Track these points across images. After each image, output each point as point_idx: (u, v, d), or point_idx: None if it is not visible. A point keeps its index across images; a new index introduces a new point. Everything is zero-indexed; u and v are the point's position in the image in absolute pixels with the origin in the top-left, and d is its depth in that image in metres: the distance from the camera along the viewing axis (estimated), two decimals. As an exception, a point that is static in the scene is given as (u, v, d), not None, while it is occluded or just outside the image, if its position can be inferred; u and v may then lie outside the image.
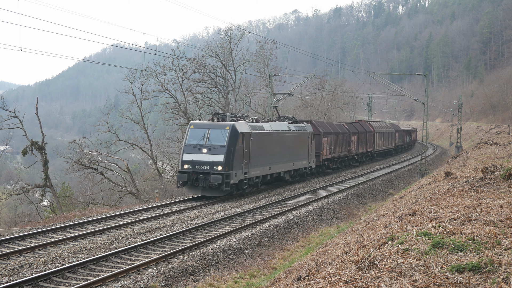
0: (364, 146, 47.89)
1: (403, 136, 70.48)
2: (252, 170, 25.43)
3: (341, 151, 41.20)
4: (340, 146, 40.73)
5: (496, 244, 6.93)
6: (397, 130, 65.23)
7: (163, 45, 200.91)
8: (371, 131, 50.34)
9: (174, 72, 47.08)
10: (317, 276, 7.15)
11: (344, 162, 43.47)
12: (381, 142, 55.10)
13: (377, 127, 52.96)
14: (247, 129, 24.81)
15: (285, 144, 29.22)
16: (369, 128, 50.30)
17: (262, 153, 26.39)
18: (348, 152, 43.19)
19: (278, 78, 55.52)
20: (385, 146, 57.43)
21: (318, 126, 37.16)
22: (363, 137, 47.28)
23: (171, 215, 21.11)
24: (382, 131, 55.44)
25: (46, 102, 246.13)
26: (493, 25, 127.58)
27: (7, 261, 13.78)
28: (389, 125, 61.99)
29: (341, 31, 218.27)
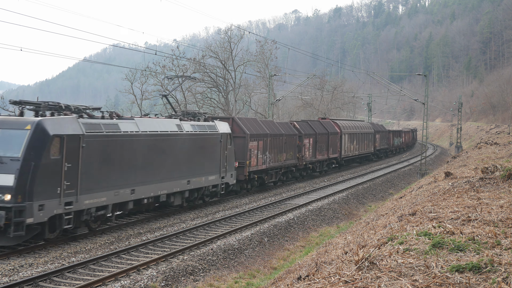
0: (325, 152, 37.91)
1: (388, 138, 60.82)
2: (88, 197, 15.94)
3: (286, 159, 31.13)
4: (284, 152, 30.80)
5: (496, 244, 6.93)
6: (379, 131, 55.59)
7: (163, 45, 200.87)
8: (337, 132, 40.46)
9: (174, 72, 47.08)
10: (317, 276, 7.15)
11: (291, 173, 33.84)
12: (353, 146, 45.07)
13: (346, 127, 43.54)
14: (74, 130, 15.50)
15: (172, 153, 19.88)
16: (334, 128, 40.54)
17: (113, 168, 17.02)
18: (299, 160, 33.24)
19: (278, 78, 55.54)
20: (360, 151, 47.27)
21: (244, 125, 26.83)
22: (323, 140, 37.49)
23: (171, 215, 21.11)
24: (354, 132, 45.40)
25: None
26: (493, 25, 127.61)
27: (7, 261, 13.77)
28: (366, 124, 52.31)
29: (341, 31, 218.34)
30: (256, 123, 28.73)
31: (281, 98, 53.24)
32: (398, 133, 67.55)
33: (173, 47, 48.88)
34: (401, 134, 69.48)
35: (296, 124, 34.75)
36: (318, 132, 36.62)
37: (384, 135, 58.16)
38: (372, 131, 51.38)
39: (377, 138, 54.24)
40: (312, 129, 36.21)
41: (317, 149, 36.19)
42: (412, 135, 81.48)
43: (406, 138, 74.02)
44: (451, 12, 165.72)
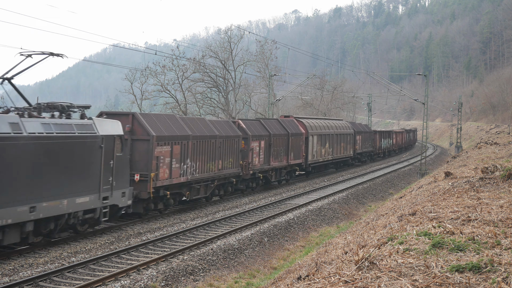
0: (283, 157, 30.72)
1: (374, 139, 53.11)
2: None
3: (222, 167, 23.84)
4: (219, 159, 23.55)
5: (496, 244, 6.93)
6: (361, 132, 48.23)
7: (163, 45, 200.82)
8: (301, 133, 33.40)
9: (174, 72, 47.13)
10: (317, 276, 7.15)
11: (232, 185, 26.08)
12: (325, 150, 37.82)
13: (315, 127, 36.43)
14: None
15: None
16: (298, 128, 33.45)
17: None
18: (243, 168, 25.90)
19: (278, 78, 55.57)
20: (334, 155, 40.03)
21: (150, 124, 19.72)
22: (281, 143, 30.24)
23: (171, 215, 21.10)
24: (326, 133, 37.93)
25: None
26: (493, 25, 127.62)
27: (7, 261, 13.78)
28: (344, 124, 44.26)
29: (341, 31, 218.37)
30: (172, 121, 21.07)
31: (281, 98, 53.27)
32: (386, 134, 59.74)
33: (173, 47, 48.97)
34: (391, 135, 61.39)
35: (242, 123, 26.99)
36: (273, 133, 29.21)
37: (368, 136, 50.94)
38: (352, 131, 44.53)
39: (358, 139, 47.16)
40: (265, 130, 28.88)
41: (271, 154, 28.87)
42: (408, 136, 75.18)
43: (399, 139, 66.31)
44: (451, 12, 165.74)
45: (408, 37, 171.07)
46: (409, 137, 77.33)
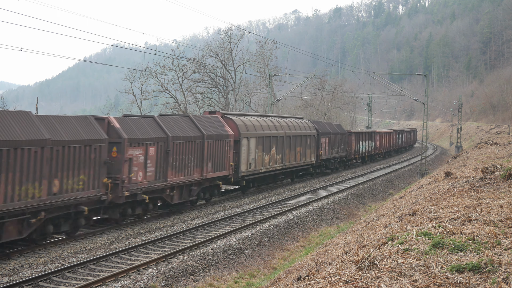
0: (194, 169, 21.55)
1: (348, 142, 43.98)
2: None
3: (67, 188, 15.18)
4: (69, 177, 15.23)
5: (496, 244, 6.93)
6: (328, 133, 38.47)
7: (163, 45, 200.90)
8: (227, 134, 24.08)
9: (174, 72, 47.14)
10: (317, 276, 7.15)
11: (79, 218, 16.46)
12: (269, 157, 28.70)
13: (253, 126, 27.30)
14: None
15: None
16: (220, 129, 23.98)
17: None
18: (110, 190, 16.74)
19: (278, 78, 55.57)
20: (285, 163, 30.61)
21: None
22: (189, 149, 21.25)
23: (171, 215, 21.10)
24: (270, 135, 28.75)
25: (46, 102, 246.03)
26: (493, 25, 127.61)
27: (7, 261, 13.78)
28: (302, 123, 34.52)
29: (341, 31, 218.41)
30: None
31: (281, 98, 53.26)
32: (367, 136, 49.35)
33: (173, 47, 48.96)
34: (373, 137, 51.10)
35: (115, 121, 17.73)
36: (173, 135, 20.00)
37: (339, 138, 41.17)
38: (313, 132, 35.32)
39: (324, 142, 37.44)
40: (160, 131, 19.57)
41: (170, 165, 19.85)
42: (399, 137, 66.12)
43: (384, 142, 56.33)
44: (451, 12, 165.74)
45: (408, 37, 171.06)
46: (402, 138, 68.28)
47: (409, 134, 76.65)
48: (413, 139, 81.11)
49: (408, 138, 74.66)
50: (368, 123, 76.62)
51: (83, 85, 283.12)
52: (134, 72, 46.40)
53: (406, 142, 72.52)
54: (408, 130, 76.42)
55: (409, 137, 76.67)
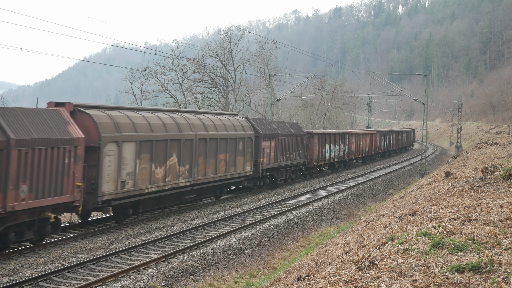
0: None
1: (309, 147, 35.13)
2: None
3: None
4: None
5: (496, 244, 6.93)
6: (275, 135, 29.71)
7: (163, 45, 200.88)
8: (64, 139, 14.90)
9: (174, 72, 47.15)
10: (317, 276, 7.15)
11: None
12: (164, 169, 19.85)
13: (129, 126, 18.34)
14: None
15: None
16: (57, 129, 14.88)
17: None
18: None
19: (278, 78, 55.56)
20: (197, 176, 22.04)
21: None
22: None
23: (171, 215, 21.10)
24: (167, 138, 20.06)
25: (46, 102, 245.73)
26: (493, 25, 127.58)
27: (7, 261, 13.78)
28: (229, 121, 25.44)
29: (341, 31, 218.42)
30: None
31: (281, 98, 53.27)
32: (337, 138, 40.51)
33: (173, 47, 48.98)
34: (346, 139, 42.40)
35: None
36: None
37: (293, 141, 32.17)
38: (250, 134, 26.47)
39: (267, 147, 28.48)
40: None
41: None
42: (388, 139, 58.87)
43: (363, 145, 47.86)
44: (451, 12, 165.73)
45: (408, 37, 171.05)
46: (390, 140, 59.60)
47: (401, 136, 66.09)
48: (407, 140, 72.16)
49: (399, 140, 64.50)
50: (368, 123, 76.64)
51: (83, 85, 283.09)
52: (134, 72, 46.45)
53: (396, 144, 62.97)
54: (399, 131, 66.23)
55: (401, 139, 66.49)
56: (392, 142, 60.90)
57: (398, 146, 65.02)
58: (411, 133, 75.38)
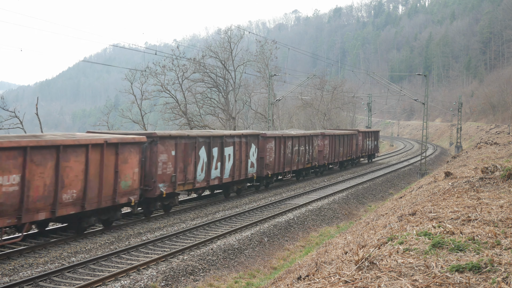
0: None
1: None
2: None
3: None
4: None
5: (496, 244, 6.93)
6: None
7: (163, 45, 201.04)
8: None
9: (174, 72, 47.12)
10: (317, 276, 7.15)
11: None
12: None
13: None
14: None
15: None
16: None
17: None
18: None
19: (278, 78, 55.56)
20: None
21: None
22: None
23: (171, 215, 21.10)
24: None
25: (46, 102, 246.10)
26: (493, 25, 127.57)
27: (7, 261, 13.78)
28: None
29: (341, 31, 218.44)
30: None
31: (281, 98, 53.26)
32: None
33: (173, 47, 48.92)
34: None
35: None
36: None
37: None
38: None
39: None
40: None
41: None
42: (295, 148, 32.31)
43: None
44: (451, 12, 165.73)
45: (408, 37, 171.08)
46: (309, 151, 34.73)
47: (340, 140, 39.98)
48: (363, 149, 47.03)
49: (334, 150, 38.91)
50: (368, 123, 76.66)
51: (83, 85, 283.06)
52: (134, 72, 46.37)
53: (329, 157, 38.19)
54: (332, 134, 38.47)
55: (339, 146, 40.11)
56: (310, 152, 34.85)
57: (342, 157, 41.22)
58: (368, 138, 49.04)
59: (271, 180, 30.25)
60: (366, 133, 48.62)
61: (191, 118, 47.88)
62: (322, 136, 37.03)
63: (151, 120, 60.60)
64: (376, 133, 52.75)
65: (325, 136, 37.27)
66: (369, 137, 49.50)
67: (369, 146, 49.67)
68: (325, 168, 39.59)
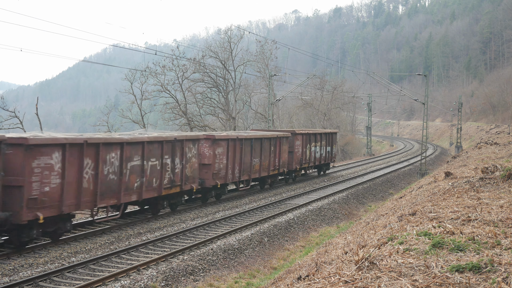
0: None
1: None
2: None
3: None
4: None
5: (496, 244, 6.93)
6: None
7: (163, 45, 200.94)
8: None
9: (174, 72, 47.12)
10: (317, 276, 7.15)
11: None
12: None
13: None
14: None
15: None
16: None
17: None
18: None
19: (278, 78, 55.53)
20: None
21: None
22: None
23: (171, 215, 21.10)
24: None
25: (46, 102, 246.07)
26: (493, 25, 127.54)
27: (7, 261, 13.77)
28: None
29: (341, 31, 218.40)
30: None
31: (281, 98, 53.26)
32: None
33: (173, 47, 48.92)
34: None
35: None
36: None
37: None
38: None
39: None
40: None
41: None
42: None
43: None
44: (451, 12, 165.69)
45: (408, 37, 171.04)
46: None
47: (253, 147, 26.64)
48: (306, 158, 34.28)
49: (239, 162, 25.56)
50: (368, 123, 76.66)
51: (83, 85, 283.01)
52: (134, 72, 46.37)
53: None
54: (229, 138, 24.70)
55: (251, 155, 26.85)
56: None
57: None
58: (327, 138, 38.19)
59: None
60: (311, 135, 34.44)
61: (191, 118, 47.89)
62: (211, 141, 23.13)
63: (151, 120, 60.64)
64: (330, 136, 38.24)
65: (216, 142, 23.26)
66: (316, 142, 35.38)
67: (318, 154, 35.90)
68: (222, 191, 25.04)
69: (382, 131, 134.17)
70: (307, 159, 34.43)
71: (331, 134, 38.97)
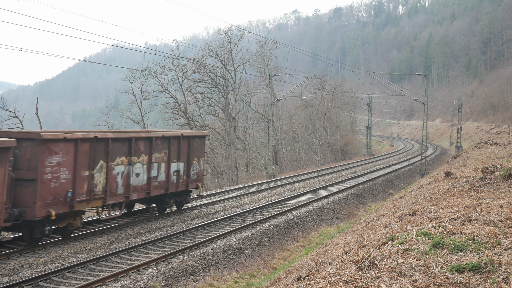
0: None
1: None
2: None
3: None
4: None
5: (496, 244, 6.93)
6: None
7: (163, 45, 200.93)
8: None
9: (174, 72, 47.12)
10: (317, 276, 7.15)
11: None
12: None
13: None
14: None
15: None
16: None
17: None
18: None
19: (278, 78, 55.53)
20: None
21: None
22: None
23: (171, 215, 21.10)
24: None
25: (46, 102, 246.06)
26: (493, 25, 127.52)
27: (7, 261, 13.77)
28: None
29: (341, 31, 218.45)
30: None
31: (281, 98, 53.26)
32: None
33: (173, 47, 48.91)
34: None
35: None
36: None
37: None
38: None
39: None
40: None
41: None
42: None
43: None
44: (451, 12, 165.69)
45: (408, 37, 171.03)
46: None
47: None
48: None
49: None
50: (368, 123, 76.66)
51: (83, 85, 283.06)
52: (134, 72, 46.39)
53: None
54: None
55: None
56: None
57: None
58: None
59: None
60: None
61: (191, 118, 47.89)
62: None
63: (151, 120, 60.62)
64: (189, 140, 21.34)
65: None
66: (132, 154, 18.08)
67: (143, 179, 18.77)
68: None
69: (382, 131, 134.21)
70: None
71: (191, 137, 21.59)
